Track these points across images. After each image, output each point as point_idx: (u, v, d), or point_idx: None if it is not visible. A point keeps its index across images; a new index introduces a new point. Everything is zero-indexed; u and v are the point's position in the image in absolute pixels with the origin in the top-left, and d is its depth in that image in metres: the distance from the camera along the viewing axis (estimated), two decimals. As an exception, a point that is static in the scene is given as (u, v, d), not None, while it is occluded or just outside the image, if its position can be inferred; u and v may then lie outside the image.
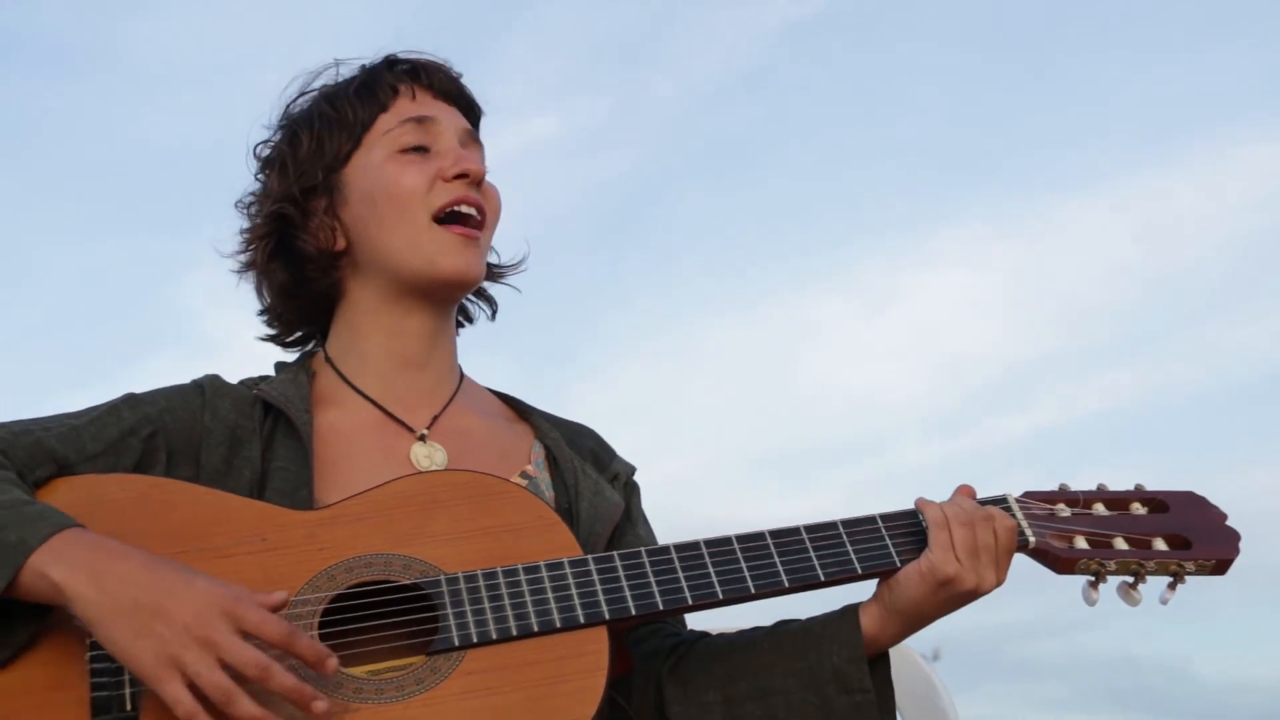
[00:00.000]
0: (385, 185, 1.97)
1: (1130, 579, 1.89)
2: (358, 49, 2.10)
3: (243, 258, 2.07)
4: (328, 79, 2.09)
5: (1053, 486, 1.96)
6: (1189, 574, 1.90)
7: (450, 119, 2.05)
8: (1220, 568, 1.91)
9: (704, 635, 1.98)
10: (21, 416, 1.85)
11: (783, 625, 1.89)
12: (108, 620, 1.55)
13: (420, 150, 1.99)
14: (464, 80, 2.12)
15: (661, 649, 1.95)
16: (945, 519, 1.79)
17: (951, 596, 1.79)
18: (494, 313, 2.19)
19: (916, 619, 1.81)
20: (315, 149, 2.01)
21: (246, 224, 2.08)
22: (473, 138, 2.07)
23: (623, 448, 2.17)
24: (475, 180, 1.99)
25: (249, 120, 2.12)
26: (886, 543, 1.81)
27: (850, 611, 1.83)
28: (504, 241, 2.12)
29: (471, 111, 2.12)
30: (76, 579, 1.57)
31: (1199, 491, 2.01)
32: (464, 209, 1.97)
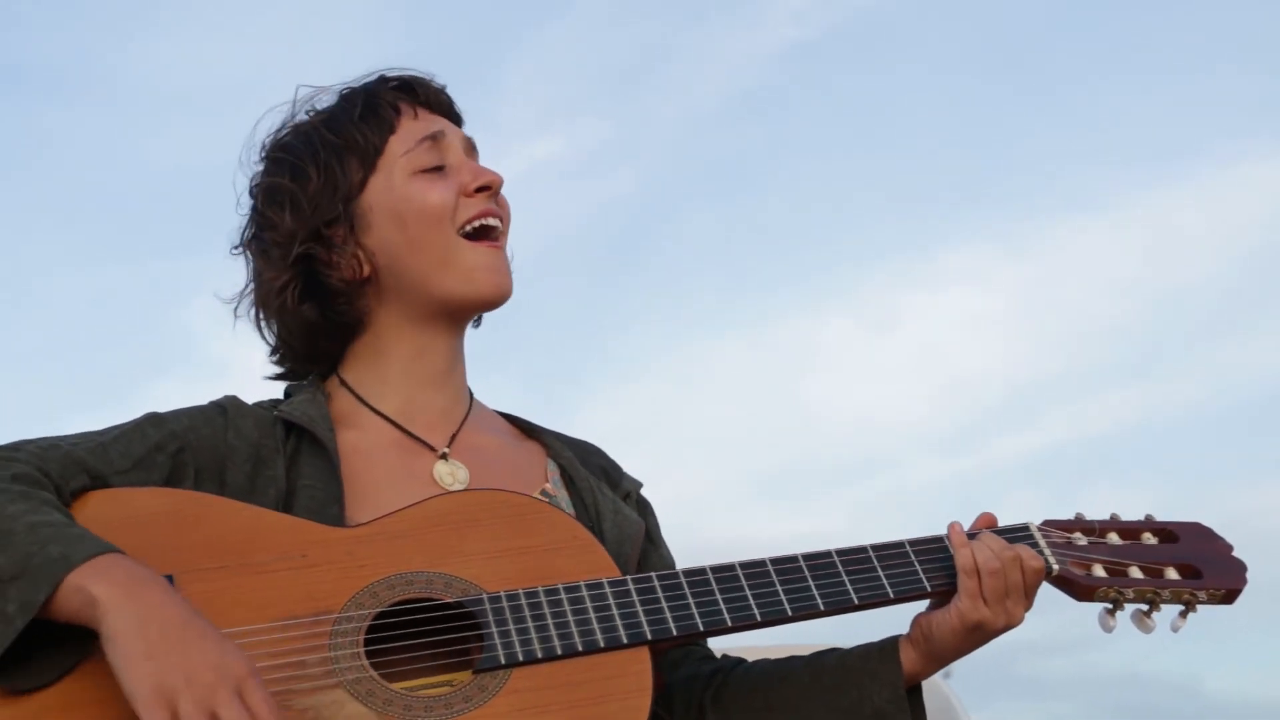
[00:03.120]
0: (413, 205, 1.96)
1: (1145, 607, 1.94)
2: (356, 73, 2.08)
3: (267, 304, 2.02)
4: (303, 107, 2.06)
5: (1060, 505, 2.02)
6: (1200, 603, 1.95)
7: (453, 132, 2.06)
8: (1229, 597, 1.96)
9: (740, 661, 2.00)
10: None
11: (821, 657, 1.93)
12: (130, 635, 1.52)
13: (437, 169, 2.00)
14: (449, 91, 2.11)
15: (700, 674, 1.98)
16: (975, 567, 1.83)
17: (984, 636, 1.85)
18: (479, 320, 2.14)
19: (952, 655, 1.88)
20: (326, 179, 1.97)
21: (261, 267, 2.01)
22: (473, 148, 2.08)
23: (629, 467, 2.19)
24: (495, 191, 2.02)
25: (247, 147, 2.07)
26: (916, 569, 1.85)
27: (890, 650, 1.88)
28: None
29: (460, 122, 2.12)
30: (116, 594, 1.54)
31: (1208, 509, 2.08)
32: (489, 221, 1.99)
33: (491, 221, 1.99)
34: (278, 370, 2.10)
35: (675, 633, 1.74)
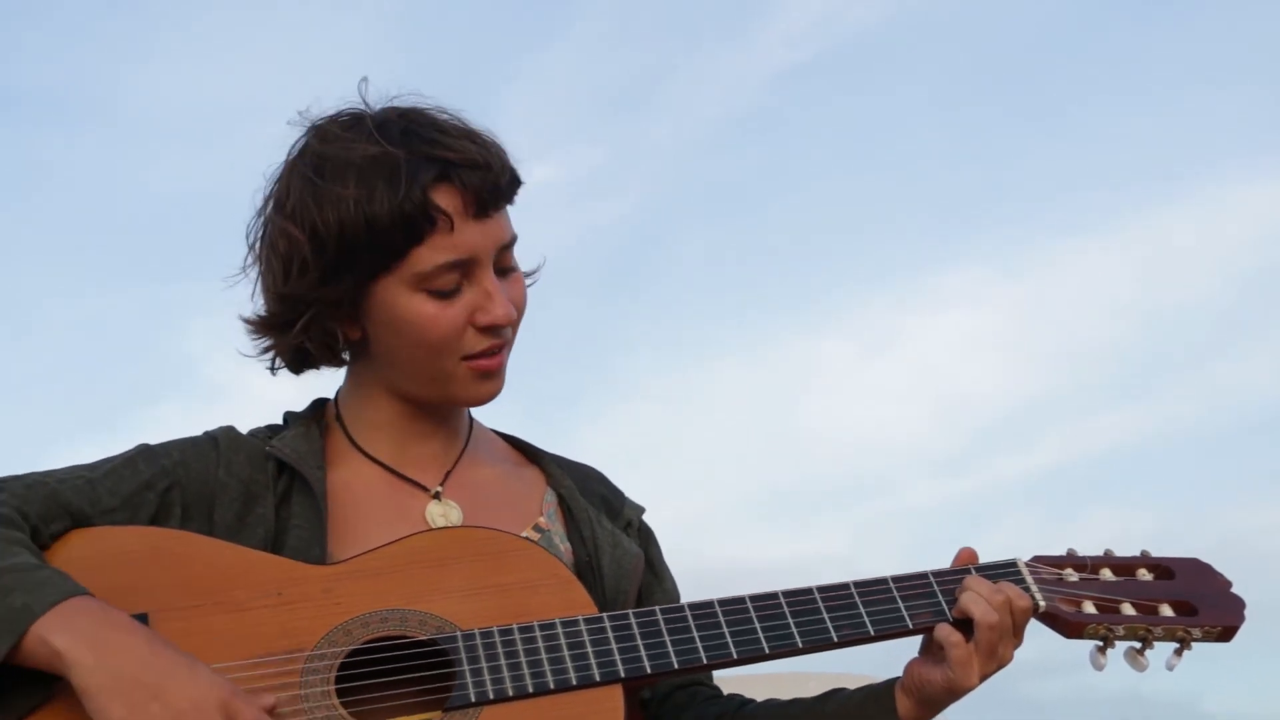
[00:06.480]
0: (416, 327, 1.87)
1: (1138, 644, 1.91)
2: (353, 93, 1.95)
3: (262, 349, 2.00)
4: (339, 129, 1.91)
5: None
6: (1195, 640, 1.92)
7: (488, 241, 1.88)
8: (1226, 635, 1.93)
9: (746, 703, 2.00)
10: (29, 466, 1.83)
11: (822, 703, 1.93)
12: (104, 692, 1.54)
13: (455, 292, 1.89)
14: (509, 158, 1.92)
15: (705, 717, 1.98)
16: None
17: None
18: None
19: (945, 706, 1.87)
20: (340, 260, 1.86)
21: (255, 298, 1.97)
22: (508, 248, 1.94)
23: (627, 491, 2.17)
24: (507, 325, 1.92)
25: (249, 170, 2.00)
26: (899, 605, 1.84)
27: (887, 699, 1.87)
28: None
29: (512, 197, 1.96)
30: (79, 647, 1.56)
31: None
32: (491, 357, 1.92)
33: (494, 356, 1.92)
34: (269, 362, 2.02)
35: (649, 671, 1.73)
